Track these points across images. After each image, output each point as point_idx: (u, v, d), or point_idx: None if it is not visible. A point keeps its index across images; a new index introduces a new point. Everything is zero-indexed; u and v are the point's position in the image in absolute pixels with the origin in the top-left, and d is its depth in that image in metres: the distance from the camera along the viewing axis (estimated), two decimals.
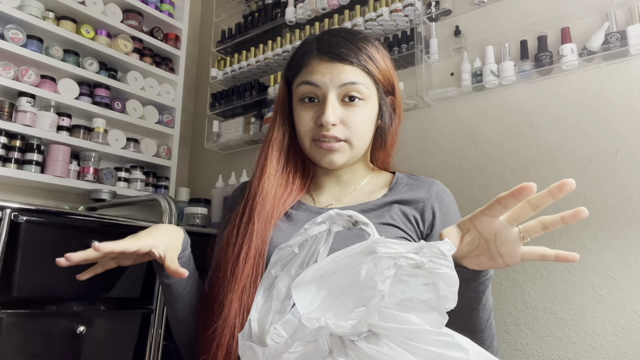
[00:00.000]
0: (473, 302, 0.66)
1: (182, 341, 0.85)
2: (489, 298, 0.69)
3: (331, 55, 0.82)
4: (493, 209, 0.55)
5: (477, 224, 0.57)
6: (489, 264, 0.60)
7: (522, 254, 0.57)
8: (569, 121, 1.20)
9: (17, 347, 0.91)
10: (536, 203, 0.53)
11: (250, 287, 0.75)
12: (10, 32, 1.51)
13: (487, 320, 0.69)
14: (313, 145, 0.83)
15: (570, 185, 0.50)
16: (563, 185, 0.50)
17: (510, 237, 0.56)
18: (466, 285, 0.63)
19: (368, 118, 0.84)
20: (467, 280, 0.63)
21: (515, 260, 0.57)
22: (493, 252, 0.58)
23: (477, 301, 0.66)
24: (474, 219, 0.57)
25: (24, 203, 0.98)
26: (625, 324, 1.05)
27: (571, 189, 0.50)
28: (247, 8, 1.97)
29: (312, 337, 0.46)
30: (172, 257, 0.74)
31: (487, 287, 0.66)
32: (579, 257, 0.54)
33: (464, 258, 0.61)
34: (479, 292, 0.65)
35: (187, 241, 0.83)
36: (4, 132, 1.48)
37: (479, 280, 0.64)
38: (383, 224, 0.80)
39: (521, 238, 0.56)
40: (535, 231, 0.55)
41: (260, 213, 0.80)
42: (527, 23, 1.29)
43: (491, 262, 0.59)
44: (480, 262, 0.60)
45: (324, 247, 0.55)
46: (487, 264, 0.60)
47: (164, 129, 1.90)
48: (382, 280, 0.42)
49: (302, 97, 0.84)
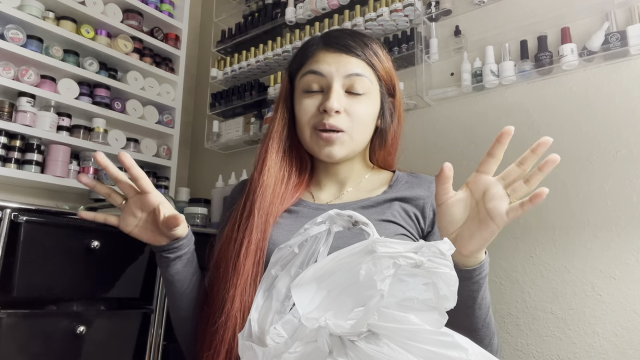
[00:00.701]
0: (468, 301, 0.66)
1: (185, 340, 0.85)
2: (485, 297, 0.69)
3: (338, 46, 0.83)
4: (485, 163, 0.61)
5: (470, 183, 0.62)
6: (479, 230, 0.60)
7: (507, 210, 0.59)
8: (569, 121, 1.20)
9: (17, 347, 0.91)
10: (521, 161, 0.59)
11: (252, 282, 0.75)
12: (10, 32, 1.51)
13: (484, 319, 0.69)
14: (313, 134, 0.83)
15: (546, 140, 0.58)
16: (540, 141, 0.58)
17: (497, 192, 0.60)
18: (460, 284, 0.63)
19: (370, 112, 0.84)
20: (461, 279, 0.63)
21: (501, 216, 0.59)
22: (482, 212, 0.60)
23: (472, 300, 0.66)
24: (469, 180, 0.63)
25: (24, 203, 0.98)
26: (625, 324, 1.05)
27: (548, 143, 0.58)
28: (247, 8, 1.97)
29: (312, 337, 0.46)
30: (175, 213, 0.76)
31: (481, 286, 0.66)
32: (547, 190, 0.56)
33: (457, 237, 0.62)
34: (473, 291, 0.66)
35: (191, 237, 0.83)
36: (4, 132, 1.48)
37: (473, 279, 0.64)
38: (383, 221, 0.80)
39: (507, 194, 0.60)
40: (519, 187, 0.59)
41: (260, 207, 0.80)
42: (527, 23, 1.29)
43: (480, 226, 0.60)
44: (472, 231, 0.61)
45: (323, 247, 0.55)
46: (477, 231, 0.61)
47: (164, 129, 1.90)
48: (382, 280, 0.42)
49: (306, 87, 0.84)
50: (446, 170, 0.60)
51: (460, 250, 0.62)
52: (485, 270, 0.65)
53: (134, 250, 1.12)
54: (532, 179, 0.59)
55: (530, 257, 1.19)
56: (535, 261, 1.18)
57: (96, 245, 1.02)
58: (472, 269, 0.64)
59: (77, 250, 1.01)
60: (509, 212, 0.59)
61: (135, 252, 1.12)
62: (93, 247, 1.02)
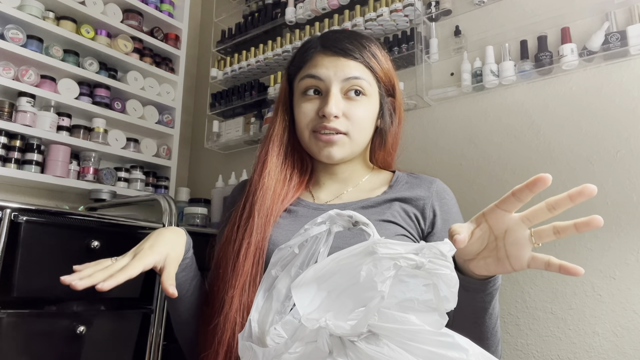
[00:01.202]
0: (480, 312, 0.66)
1: (185, 342, 0.85)
2: (496, 307, 0.67)
3: (336, 50, 0.82)
4: (507, 202, 0.53)
5: (489, 217, 0.56)
6: (495, 267, 0.57)
7: (529, 259, 0.55)
8: (569, 121, 1.20)
9: (17, 347, 0.91)
10: (553, 205, 0.51)
11: (251, 283, 0.75)
12: (10, 32, 1.51)
13: (493, 328, 0.69)
14: (312, 137, 0.83)
15: (590, 190, 0.48)
16: (583, 190, 0.49)
17: (520, 237, 0.54)
18: (473, 295, 0.63)
19: (369, 114, 0.84)
20: (474, 290, 0.63)
21: (521, 263, 0.55)
22: (501, 252, 0.56)
23: (483, 310, 0.65)
24: (487, 212, 0.56)
25: (24, 203, 0.98)
26: (625, 324, 1.05)
27: (592, 194, 0.49)
28: (247, 8, 1.97)
29: (312, 338, 0.46)
30: (170, 271, 0.72)
31: (494, 297, 0.65)
32: (583, 271, 0.51)
33: (472, 261, 0.60)
34: (485, 302, 0.64)
35: (190, 243, 0.81)
36: (4, 132, 1.48)
37: (487, 291, 0.63)
38: (383, 221, 0.80)
39: (532, 241, 0.54)
40: (546, 235, 0.53)
41: (260, 208, 0.80)
42: (527, 23, 1.29)
43: (497, 264, 0.57)
44: (487, 264, 0.58)
45: (324, 248, 0.55)
46: (493, 266, 0.57)
47: (164, 129, 1.90)
48: (382, 281, 0.42)
49: (305, 90, 0.84)
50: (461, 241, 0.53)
51: (472, 272, 0.60)
52: (498, 281, 0.64)
53: None
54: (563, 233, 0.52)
55: None
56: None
57: (96, 245, 1.02)
58: (486, 281, 0.62)
59: (77, 250, 1.01)
60: (531, 263, 0.55)
61: None
62: (93, 247, 1.02)
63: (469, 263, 0.60)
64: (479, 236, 0.57)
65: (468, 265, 0.60)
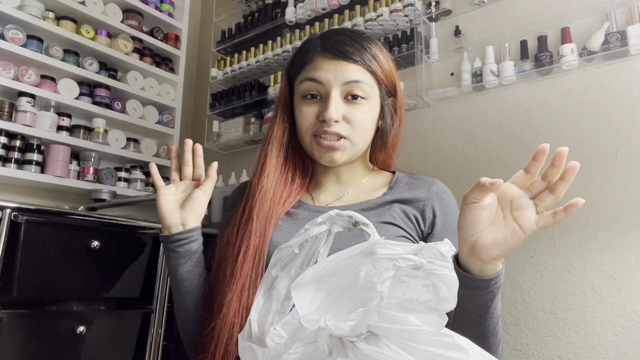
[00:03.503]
0: (481, 310, 0.65)
1: (189, 341, 0.85)
2: (497, 306, 0.67)
3: (336, 52, 0.82)
4: (519, 177, 0.61)
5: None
6: (504, 240, 0.59)
7: (536, 219, 0.59)
8: (569, 121, 1.20)
9: (17, 347, 0.91)
10: (543, 174, 0.60)
11: (250, 286, 0.75)
12: (10, 32, 1.51)
13: (494, 327, 0.68)
14: (314, 141, 0.83)
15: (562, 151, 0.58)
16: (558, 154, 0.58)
17: (524, 202, 0.60)
18: (475, 293, 0.63)
19: (370, 117, 0.84)
20: (476, 288, 0.63)
21: (530, 223, 0.59)
22: (508, 220, 0.60)
23: (485, 309, 0.65)
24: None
25: (24, 203, 0.98)
26: (625, 324, 1.05)
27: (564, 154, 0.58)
28: (247, 8, 1.97)
29: (312, 338, 0.46)
30: None
31: (495, 295, 0.65)
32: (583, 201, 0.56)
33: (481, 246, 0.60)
34: (487, 300, 0.64)
35: (201, 237, 0.85)
36: (4, 132, 1.48)
37: (489, 289, 0.63)
38: (383, 223, 0.80)
39: (534, 204, 0.60)
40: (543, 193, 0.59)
41: (260, 212, 0.80)
42: (527, 23, 1.29)
43: (506, 233, 0.60)
44: (497, 241, 0.60)
45: (324, 248, 0.55)
46: (502, 240, 0.60)
47: (164, 129, 1.90)
48: (382, 282, 0.42)
49: (305, 93, 0.83)
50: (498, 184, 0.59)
51: (480, 256, 0.60)
52: (500, 280, 0.64)
53: (134, 250, 1.12)
54: (557, 189, 0.59)
55: (530, 257, 1.19)
56: (535, 261, 1.18)
57: (96, 245, 1.02)
58: (488, 278, 0.62)
59: (77, 250, 1.01)
60: (538, 220, 0.59)
61: (135, 252, 1.12)
62: (93, 247, 1.02)
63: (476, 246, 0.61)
64: (490, 203, 0.61)
65: (475, 250, 0.61)
